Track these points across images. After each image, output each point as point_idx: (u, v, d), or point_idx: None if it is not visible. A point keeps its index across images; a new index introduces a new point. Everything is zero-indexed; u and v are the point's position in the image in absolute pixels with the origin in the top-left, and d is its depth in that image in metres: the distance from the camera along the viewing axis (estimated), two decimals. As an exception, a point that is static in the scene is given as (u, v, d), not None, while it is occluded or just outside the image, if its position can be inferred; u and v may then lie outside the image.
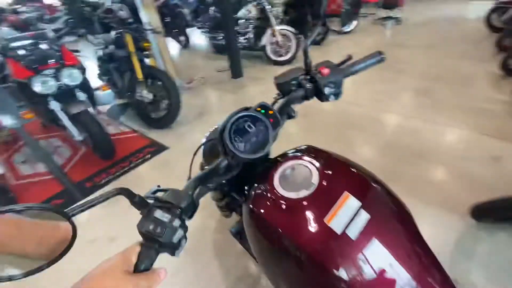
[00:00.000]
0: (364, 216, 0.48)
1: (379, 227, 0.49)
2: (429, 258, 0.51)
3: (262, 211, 0.55)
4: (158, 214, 0.42)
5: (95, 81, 2.84)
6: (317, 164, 0.56)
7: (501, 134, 2.02)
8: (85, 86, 2.17)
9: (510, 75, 2.92)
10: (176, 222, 0.42)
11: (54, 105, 1.95)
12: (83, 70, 2.12)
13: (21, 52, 1.98)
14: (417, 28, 5.29)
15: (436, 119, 2.31)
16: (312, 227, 0.48)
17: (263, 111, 0.58)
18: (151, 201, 0.44)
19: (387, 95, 2.84)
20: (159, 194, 0.47)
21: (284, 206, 0.52)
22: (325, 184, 0.52)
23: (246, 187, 0.65)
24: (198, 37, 6.00)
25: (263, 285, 1.30)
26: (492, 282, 1.17)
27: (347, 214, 0.48)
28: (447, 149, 2.00)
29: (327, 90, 0.64)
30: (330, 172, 0.55)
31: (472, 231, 1.37)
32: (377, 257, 0.46)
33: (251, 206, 0.58)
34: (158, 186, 0.49)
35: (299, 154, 0.61)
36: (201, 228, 1.60)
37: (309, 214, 0.50)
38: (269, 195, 0.55)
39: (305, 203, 0.50)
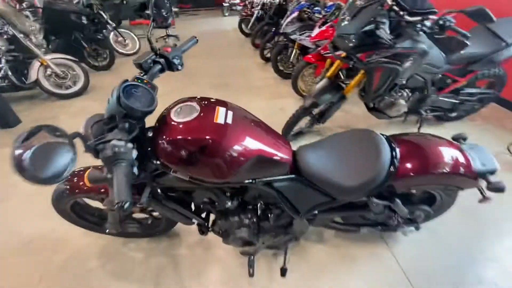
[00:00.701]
0: (230, 112, 0.96)
1: (240, 115, 1.00)
2: (269, 129, 1.08)
3: (171, 137, 0.86)
4: (116, 142, 0.69)
5: None
6: (193, 100, 0.97)
7: (277, 95, 3.46)
8: None
9: (267, 61, 4.76)
10: (129, 145, 0.71)
11: None
12: None
13: None
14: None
15: (241, 99, 3.39)
16: (209, 126, 0.89)
17: (139, 81, 0.90)
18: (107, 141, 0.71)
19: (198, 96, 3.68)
20: None
21: (186, 126, 0.88)
22: (204, 108, 0.93)
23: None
24: None
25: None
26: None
27: (222, 115, 0.93)
28: (257, 113, 3.04)
29: (176, 61, 1.06)
30: (203, 101, 0.97)
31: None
32: (241, 128, 0.95)
33: (164, 144, 0.87)
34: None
35: (177, 103, 0.98)
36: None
37: (203, 123, 0.89)
38: (174, 126, 0.88)
39: (198, 119, 0.89)
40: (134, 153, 0.74)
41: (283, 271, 1.42)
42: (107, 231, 1.42)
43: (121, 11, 8.41)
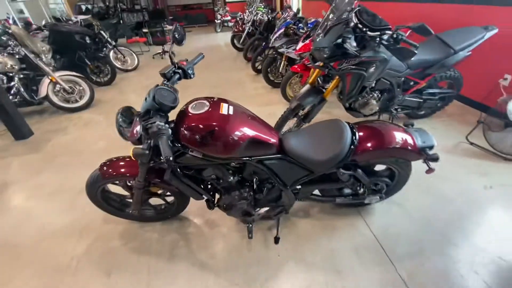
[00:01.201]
0: (231, 107, 1.32)
1: (237, 108, 1.35)
2: (261, 120, 1.43)
3: (190, 125, 1.21)
4: (159, 122, 1.07)
5: None
6: (204, 99, 1.32)
7: (268, 102, 3.86)
8: None
9: (258, 73, 5.19)
10: (166, 125, 1.08)
11: None
12: None
13: None
14: (192, 56, 7.32)
15: (235, 107, 3.79)
16: (217, 116, 1.24)
17: (166, 85, 1.26)
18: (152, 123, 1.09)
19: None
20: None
21: (200, 116, 1.23)
22: (212, 104, 1.29)
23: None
24: None
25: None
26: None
27: (225, 108, 1.29)
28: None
29: (189, 71, 1.42)
30: (211, 99, 1.32)
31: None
32: (240, 118, 1.30)
33: (184, 130, 1.21)
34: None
35: (192, 101, 1.33)
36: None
37: (212, 114, 1.24)
38: (191, 117, 1.23)
39: (208, 112, 1.24)
40: (170, 131, 1.09)
41: (276, 240, 1.75)
42: (131, 211, 1.74)
43: (118, 29, 8.90)
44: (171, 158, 0.97)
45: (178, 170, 1.45)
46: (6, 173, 2.85)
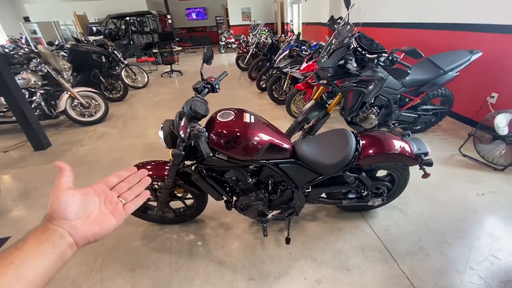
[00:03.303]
0: (252, 116, 1.51)
1: (257, 117, 1.54)
2: (276, 128, 1.62)
3: (218, 130, 1.39)
4: (198, 126, 1.26)
5: None
6: (230, 109, 1.50)
7: (273, 117, 4.07)
8: None
9: (263, 91, 5.46)
10: (204, 129, 1.28)
11: None
12: None
13: None
14: (198, 75, 7.66)
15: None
16: (241, 123, 1.42)
17: (198, 97, 1.46)
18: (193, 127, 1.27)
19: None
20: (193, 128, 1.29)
21: (227, 124, 1.41)
22: (236, 113, 1.47)
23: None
24: None
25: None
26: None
27: (248, 117, 1.48)
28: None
29: (216, 86, 1.63)
30: (235, 110, 1.50)
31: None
32: (259, 125, 1.49)
33: (213, 135, 1.39)
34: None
35: (219, 110, 1.52)
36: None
37: (237, 121, 1.43)
38: (220, 124, 1.41)
39: (233, 120, 1.43)
40: (206, 133, 1.28)
41: (288, 240, 1.89)
42: (155, 211, 1.89)
43: (128, 49, 9.30)
44: (210, 154, 1.15)
45: (204, 171, 1.61)
46: (28, 181, 3.00)
